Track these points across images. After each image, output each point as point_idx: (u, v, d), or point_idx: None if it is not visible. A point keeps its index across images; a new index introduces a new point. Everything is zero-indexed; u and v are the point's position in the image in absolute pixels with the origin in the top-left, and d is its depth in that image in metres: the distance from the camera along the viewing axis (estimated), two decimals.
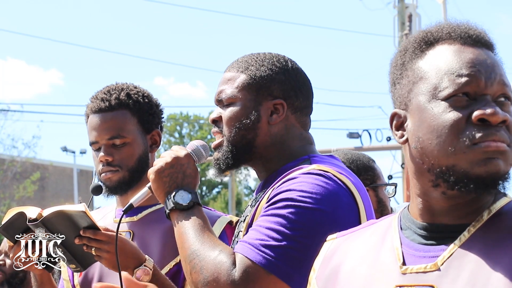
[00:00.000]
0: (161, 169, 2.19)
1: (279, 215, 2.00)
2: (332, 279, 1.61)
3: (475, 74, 1.49)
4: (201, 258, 2.01)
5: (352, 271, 1.58)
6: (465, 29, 1.56)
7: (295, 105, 2.24)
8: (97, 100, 2.75)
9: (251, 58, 2.27)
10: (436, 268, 1.47)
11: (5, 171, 27.29)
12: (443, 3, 22.01)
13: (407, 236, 1.55)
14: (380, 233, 1.61)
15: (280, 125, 2.22)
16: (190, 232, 2.08)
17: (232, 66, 2.28)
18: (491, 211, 1.50)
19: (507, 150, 1.46)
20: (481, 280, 1.42)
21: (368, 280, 1.53)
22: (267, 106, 2.21)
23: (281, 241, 1.97)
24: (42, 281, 2.59)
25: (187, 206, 2.13)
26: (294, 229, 1.98)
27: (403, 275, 1.49)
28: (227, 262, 1.97)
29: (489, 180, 1.45)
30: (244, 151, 2.22)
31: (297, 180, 2.05)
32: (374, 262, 1.55)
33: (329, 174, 2.07)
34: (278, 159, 2.21)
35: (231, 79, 2.25)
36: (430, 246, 1.50)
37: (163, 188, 2.18)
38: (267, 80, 2.23)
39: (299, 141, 2.24)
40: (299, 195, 2.01)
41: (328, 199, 2.02)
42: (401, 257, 1.52)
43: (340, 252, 1.64)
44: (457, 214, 1.51)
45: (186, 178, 2.19)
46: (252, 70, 2.24)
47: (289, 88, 2.24)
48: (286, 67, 2.26)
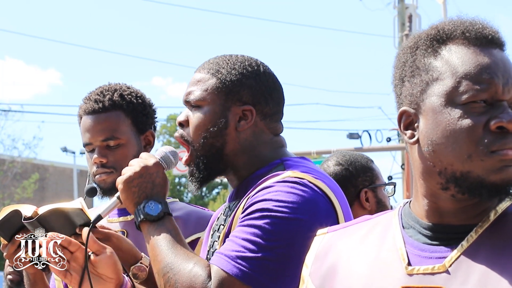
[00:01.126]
0: (129, 179, 2.13)
1: (255, 226, 1.97)
2: (329, 278, 1.58)
3: (493, 80, 1.47)
4: (175, 272, 1.97)
5: (352, 270, 1.55)
6: (480, 28, 1.53)
7: (265, 111, 2.18)
8: (90, 101, 2.73)
9: (222, 61, 2.21)
10: (444, 269, 1.45)
11: (5, 171, 27.29)
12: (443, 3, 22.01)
13: (410, 235, 1.53)
14: (379, 231, 1.58)
15: (248, 132, 2.17)
16: (162, 244, 2.03)
17: (203, 67, 2.22)
18: (497, 211, 1.49)
19: None
20: (491, 282, 1.40)
21: (370, 280, 1.51)
22: (236, 112, 2.16)
23: (257, 252, 1.94)
24: (35, 280, 2.57)
25: (157, 217, 2.08)
26: (270, 240, 1.95)
27: (410, 276, 1.47)
28: (202, 274, 1.94)
29: (503, 188, 1.45)
30: (215, 160, 2.16)
31: (273, 189, 2.02)
32: (375, 261, 1.53)
33: (304, 181, 2.03)
34: (249, 166, 2.17)
35: (200, 81, 2.20)
36: (436, 246, 1.48)
37: (132, 198, 2.13)
38: (237, 84, 2.17)
39: (269, 146, 2.19)
40: (275, 205, 1.98)
41: (305, 207, 1.99)
42: (406, 257, 1.49)
43: (335, 249, 1.61)
44: (464, 216, 1.49)
45: (156, 187, 2.13)
46: (222, 73, 2.18)
47: (259, 94, 2.18)
48: (257, 71, 2.20)
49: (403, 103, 1.56)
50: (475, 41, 1.51)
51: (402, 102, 1.56)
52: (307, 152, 15.77)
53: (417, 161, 1.53)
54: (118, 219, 2.75)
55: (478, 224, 1.48)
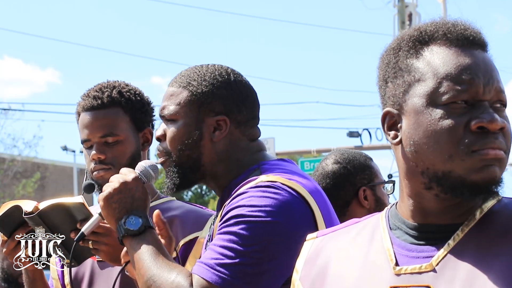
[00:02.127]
0: (109, 195, 2.15)
1: (231, 233, 1.99)
2: (319, 281, 1.59)
3: (473, 81, 1.49)
4: (159, 284, 1.99)
5: (341, 272, 1.56)
6: (462, 29, 1.55)
7: (238, 119, 2.20)
8: (88, 98, 2.73)
9: (193, 72, 2.24)
10: (431, 268, 1.46)
11: (6, 170, 27.30)
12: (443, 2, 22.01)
13: (397, 236, 1.54)
14: (367, 233, 1.59)
15: (224, 141, 2.19)
16: (145, 258, 2.06)
17: (175, 81, 2.25)
18: (483, 210, 1.50)
19: (504, 157, 1.48)
20: (478, 280, 1.41)
21: (359, 281, 1.52)
22: (210, 123, 2.19)
23: (235, 259, 1.97)
24: (34, 278, 2.57)
25: (138, 231, 2.11)
26: (247, 245, 1.97)
27: (397, 276, 1.48)
28: (185, 284, 1.96)
29: (484, 186, 1.46)
30: (192, 170, 2.20)
31: (246, 195, 2.04)
32: (364, 262, 1.54)
33: (277, 183, 2.05)
34: (227, 174, 2.19)
35: (173, 95, 2.23)
36: (423, 246, 1.50)
37: (113, 214, 2.15)
38: (208, 96, 2.20)
39: (246, 152, 2.21)
40: (248, 210, 2.00)
41: (279, 210, 2.00)
42: (394, 258, 1.51)
43: (325, 252, 1.62)
44: (449, 215, 1.50)
45: (136, 201, 2.15)
46: (193, 85, 2.21)
47: (231, 103, 2.20)
48: (228, 80, 2.22)
49: (386, 104, 1.57)
50: (456, 42, 1.53)
51: (385, 103, 1.58)
52: (307, 151, 15.79)
53: (400, 162, 1.55)
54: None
55: (464, 223, 1.49)
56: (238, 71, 2.28)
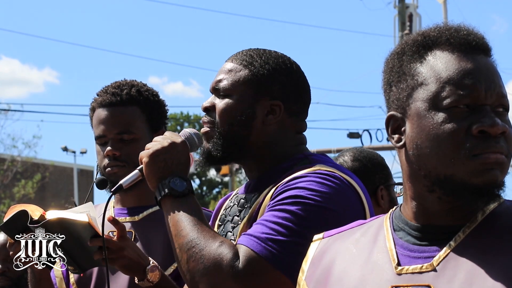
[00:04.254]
0: (156, 152, 2.11)
1: (287, 211, 1.96)
2: (323, 280, 1.61)
3: (475, 85, 1.50)
4: (201, 247, 1.94)
5: (344, 272, 1.58)
6: (465, 34, 1.56)
7: (292, 109, 2.20)
8: (107, 94, 2.73)
9: (256, 54, 2.21)
10: (432, 268, 1.48)
11: (5, 170, 27.28)
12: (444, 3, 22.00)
13: (400, 237, 1.56)
14: (372, 234, 1.61)
15: (274, 126, 2.18)
16: (186, 220, 2.00)
17: (236, 57, 2.23)
18: (485, 212, 1.52)
19: (505, 161, 1.49)
20: (477, 281, 1.43)
21: (362, 281, 1.53)
22: (264, 105, 2.17)
23: (288, 237, 1.93)
24: (41, 278, 2.55)
25: (182, 193, 2.06)
26: (302, 226, 1.95)
27: (399, 275, 1.50)
28: (229, 253, 1.91)
29: (486, 190, 1.48)
30: (236, 147, 2.17)
31: (306, 178, 2.02)
32: (366, 262, 1.56)
33: (336, 174, 2.05)
34: (271, 159, 2.17)
35: (232, 70, 2.20)
36: (425, 246, 1.51)
37: (156, 172, 2.10)
38: (269, 79, 2.18)
39: (292, 142, 2.20)
40: (308, 193, 1.98)
41: (337, 199, 2.00)
42: (396, 258, 1.52)
43: (330, 253, 1.64)
44: (452, 216, 1.52)
45: (181, 165, 2.11)
46: (255, 66, 2.19)
47: (289, 91, 2.20)
48: (290, 69, 2.22)
49: (391, 107, 1.60)
50: (459, 47, 1.55)
51: (390, 106, 1.60)
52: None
53: (404, 165, 1.57)
54: (125, 219, 2.73)
55: (466, 225, 1.51)
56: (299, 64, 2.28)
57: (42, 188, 30.93)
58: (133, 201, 2.76)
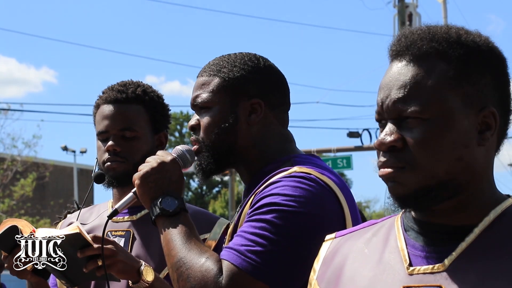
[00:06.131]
0: (146, 174, 2.15)
1: (262, 220, 1.98)
2: (334, 280, 1.61)
3: (378, 101, 1.54)
4: (188, 266, 1.98)
5: (356, 272, 1.58)
6: (395, 42, 1.57)
7: (272, 102, 2.22)
8: (112, 91, 2.77)
9: (222, 60, 2.25)
10: (444, 268, 1.47)
11: (5, 170, 27.27)
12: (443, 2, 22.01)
13: (411, 237, 1.55)
14: (383, 234, 1.61)
15: (259, 125, 2.20)
16: (176, 239, 2.05)
17: (204, 71, 2.26)
18: (496, 211, 1.51)
19: (395, 174, 1.50)
20: (489, 281, 1.42)
21: (373, 281, 1.53)
22: (245, 107, 2.19)
23: (266, 247, 1.95)
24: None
25: (173, 212, 2.10)
26: (279, 234, 1.96)
27: (410, 275, 1.49)
28: (214, 269, 1.95)
29: (403, 202, 1.51)
30: (226, 155, 2.20)
31: (280, 184, 2.03)
32: (378, 263, 1.55)
33: (311, 176, 2.05)
34: (259, 160, 2.19)
35: (205, 84, 2.23)
36: (437, 247, 1.51)
37: (148, 193, 2.14)
38: (241, 80, 2.20)
39: (279, 140, 2.21)
40: (282, 199, 1.99)
41: (312, 202, 2.00)
42: (408, 258, 1.52)
43: (341, 253, 1.64)
44: (460, 216, 1.51)
45: (172, 184, 2.15)
46: (225, 72, 2.21)
47: (264, 86, 2.22)
48: (258, 65, 2.24)
49: None
50: (392, 56, 1.57)
51: None
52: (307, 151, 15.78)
53: None
54: (123, 218, 2.75)
55: (477, 225, 1.50)
56: (265, 57, 2.30)
57: (41, 187, 30.93)
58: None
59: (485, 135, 1.50)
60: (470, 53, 1.51)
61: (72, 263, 2.34)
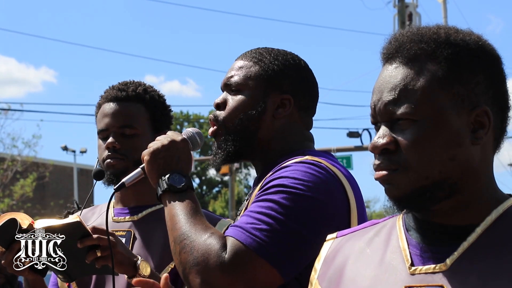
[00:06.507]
0: (156, 150, 2.17)
1: (270, 200, 2.00)
2: (335, 279, 1.61)
3: (372, 104, 1.55)
4: (192, 239, 1.99)
5: (357, 272, 1.57)
6: (386, 45, 1.58)
7: (301, 103, 2.26)
8: (113, 90, 2.79)
9: (265, 51, 2.30)
10: (446, 268, 1.47)
11: (5, 170, 27.28)
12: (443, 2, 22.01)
13: (413, 237, 1.55)
14: (385, 234, 1.61)
15: (283, 120, 2.24)
16: (181, 214, 2.06)
17: (245, 55, 2.30)
18: (498, 211, 1.50)
19: (389, 177, 1.50)
20: (491, 281, 1.42)
21: (375, 281, 1.53)
22: (275, 99, 2.23)
23: (272, 225, 1.96)
24: (34, 286, 2.53)
25: (180, 188, 2.11)
26: (286, 215, 1.98)
27: (412, 275, 1.49)
28: (217, 244, 1.95)
29: (399, 203, 1.51)
30: (246, 142, 2.22)
31: (290, 168, 2.06)
32: (380, 262, 1.55)
33: (322, 164, 2.08)
34: (276, 153, 2.22)
35: (243, 67, 2.27)
36: (439, 247, 1.50)
37: (157, 169, 2.16)
38: (278, 74, 2.25)
39: (299, 139, 2.25)
40: (291, 182, 2.02)
41: (320, 188, 2.03)
42: (409, 258, 1.52)
43: (343, 252, 1.64)
44: (461, 215, 1.51)
45: (181, 162, 2.17)
46: (265, 62, 2.26)
47: (298, 86, 2.27)
48: (299, 65, 2.30)
49: None
50: (384, 60, 1.57)
51: None
52: None
53: None
54: (124, 218, 2.75)
55: (479, 224, 1.49)
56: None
57: (41, 187, 30.93)
58: (133, 201, 2.77)
59: (478, 133, 1.49)
60: (459, 52, 1.50)
61: (71, 256, 2.34)
